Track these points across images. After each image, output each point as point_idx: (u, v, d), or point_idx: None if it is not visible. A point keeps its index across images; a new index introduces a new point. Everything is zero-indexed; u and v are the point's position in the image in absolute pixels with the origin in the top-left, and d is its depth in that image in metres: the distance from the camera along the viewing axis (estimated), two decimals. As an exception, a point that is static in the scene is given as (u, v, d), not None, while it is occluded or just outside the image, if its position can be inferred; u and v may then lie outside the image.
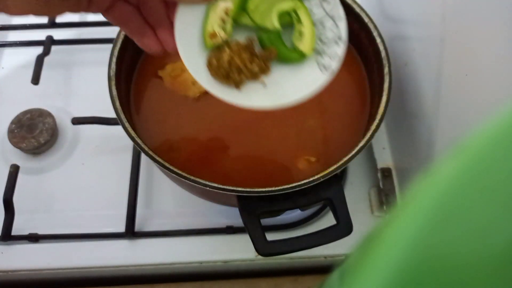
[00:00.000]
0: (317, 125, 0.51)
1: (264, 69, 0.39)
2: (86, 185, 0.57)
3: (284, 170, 0.49)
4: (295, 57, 0.39)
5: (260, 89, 0.39)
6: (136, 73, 0.53)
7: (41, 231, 0.54)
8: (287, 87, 0.39)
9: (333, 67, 0.39)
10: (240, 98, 0.38)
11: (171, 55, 0.39)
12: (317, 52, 0.40)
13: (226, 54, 0.38)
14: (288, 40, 0.40)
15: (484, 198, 0.16)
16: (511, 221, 0.15)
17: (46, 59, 0.62)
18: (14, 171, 0.54)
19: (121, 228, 0.53)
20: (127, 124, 0.45)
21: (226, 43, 0.38)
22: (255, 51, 0.39)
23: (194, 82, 0.51)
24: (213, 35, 0.38)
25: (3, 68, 0.66)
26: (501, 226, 0.15)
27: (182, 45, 0.37)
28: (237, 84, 0.38)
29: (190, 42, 0.38)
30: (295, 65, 0.40)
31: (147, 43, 0.39)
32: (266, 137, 0.51)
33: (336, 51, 0.39)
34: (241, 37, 0.39)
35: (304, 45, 0.39)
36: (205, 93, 0.52)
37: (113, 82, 0.47)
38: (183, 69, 0.51)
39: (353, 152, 0.44)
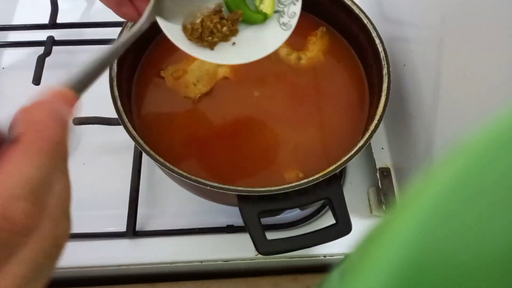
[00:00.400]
0: (316, 126, 0.51)
1: (233, 30, 0.43)
2: (87, 185, 0.57)
3: (274, 176, 0.49)
4: (258, 18, 0.44)
5: (230, 48, 0.43)
6: (137, 74, 0.53)
7: (42, 231, 0.54)
8: (254, 45, 0.43)
9: (292, 25, 0.43)
10: (214, 57, 0.42)
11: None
12: (278, 12, 0.44)
13: (198, 19, 0.42)
14: (251, 4, 0.44)
15: (483, 198, 0.16)
16: (510, 221, 0.15)
17: (47, 60, 0.62)
18: (15, 171, 0.54)
19: (122, 227, 0.54)
20: (128, 124, 0.45)
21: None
22: (223, 14, 0.43)
23: (196, 83, 0.52)
24: None
25: (3, 68, 0.66)
26: (501, 226, 0.15)
27: None
28: (211, 45, 0.43)
29: None
30: (259, 25, 0.44)
31: (125, 12, 0.41)
32: (265, 139, 0.51)
33: (294, 10, 0.43)
34: (210, 4, 0.44)
35: (266, 7, 0.43)
36: (206, 94, 0.52)
37: (115, 83, 0.47)
38: (185, 70, 0.52)
39: (352, 152, 0.45)
